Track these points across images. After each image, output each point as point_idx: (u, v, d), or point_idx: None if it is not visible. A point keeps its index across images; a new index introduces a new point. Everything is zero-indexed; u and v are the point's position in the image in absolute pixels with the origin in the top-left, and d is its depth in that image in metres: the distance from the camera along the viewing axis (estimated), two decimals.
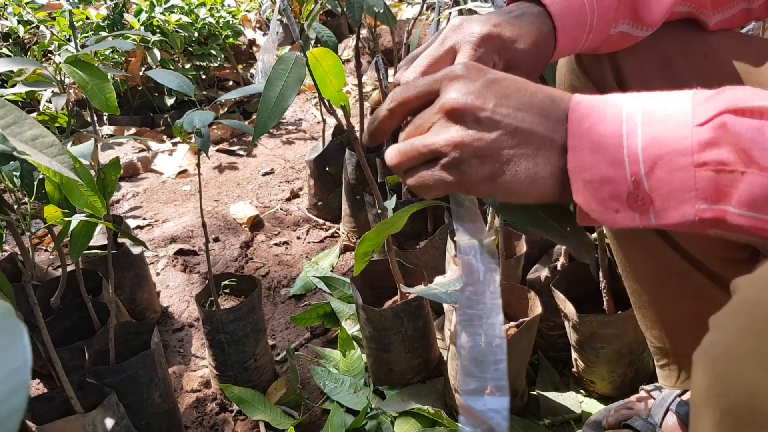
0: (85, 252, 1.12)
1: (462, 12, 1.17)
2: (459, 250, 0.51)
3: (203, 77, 2.72)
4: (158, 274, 1.67)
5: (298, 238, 1.82)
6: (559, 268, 1.21)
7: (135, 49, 2.45)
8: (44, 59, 2.31)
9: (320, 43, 1.39)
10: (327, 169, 1.83)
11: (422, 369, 1.22)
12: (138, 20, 2.42)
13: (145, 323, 1.17)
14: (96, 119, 2.16)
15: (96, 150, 1.01)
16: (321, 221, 1.89)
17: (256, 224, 1.90)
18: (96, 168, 0.99)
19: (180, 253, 1.76)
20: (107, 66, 2.39)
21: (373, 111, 0.56)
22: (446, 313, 1.31)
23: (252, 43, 3.24)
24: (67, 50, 0.94)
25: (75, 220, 0.88)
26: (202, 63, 2.67)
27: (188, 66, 2.61)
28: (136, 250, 1.41)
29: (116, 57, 2.44)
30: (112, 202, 2.06)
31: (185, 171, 2.26)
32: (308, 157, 1.86)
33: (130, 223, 1.86)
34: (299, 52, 0.84)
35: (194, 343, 1.44)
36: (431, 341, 1.22)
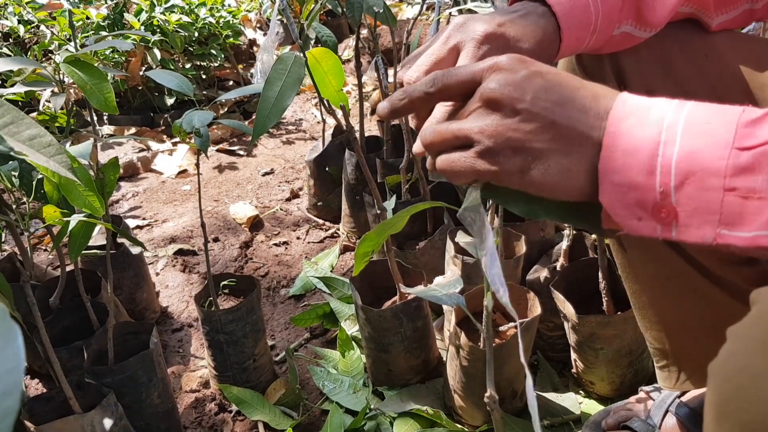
0: (84, 252, 1.13)
1: (462, 12, 1.16)
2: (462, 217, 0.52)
3: (203, 77, 2.72)
4: (158, 274, 1.67)
5: (298, 239, 1.82)
6: (559, 269, 1.21)
7: (135, 49, 2.45)
8: (44, 59, 2.31)
9: (320, 43, 1.39)
10: (327, 169, 1.83)
11: (421, 369, 1.22)
12: (138, 20, 2.42)
13: (144, 323, 1.17)
14: (96, 119, 2.16)
15: (95, 150, 1.01)
16: (321, 221, 1.89)
17: (256, 224, 1.90)
18: (95, 168, 0.99)
19: (179, 253, 1.76)
20: (107, 66, 2.39)
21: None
22: (445, 314, 1.31)
23: (252, 43, 3.24)
24: (67, 50, 0.94)
25: (74, 220, 0.88)
26: (203, 63, 2.67)
27: (188, 66, 2.61)
28: (136, 250, 1.41)
29: (116, 57, 2.44)
30: (112, 202, 2.06)
31: (185, 171, 2.26)
32: (308, 157, 1.86)
33: (130, 223, 1.86)
34: (299, 52, 0.84)
35: (193, 344, 1.44)
36: (430, 342, 1.22)
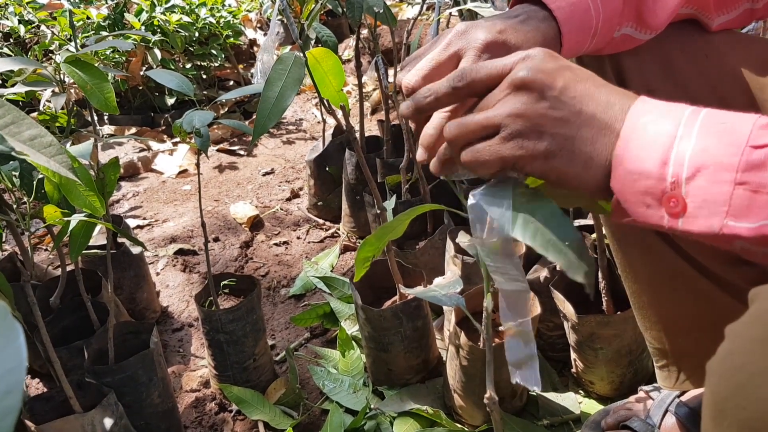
0: (85, 252, 1.13)
1: (462, 12, 1.16)
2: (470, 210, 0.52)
3: (204, 77, 2.72)
4: (158, 274, 1.67)
5: (298, 238, 1.83)
6: (559, 269, 1.21)
7: (136, 49, 2.45)
8: (45, 59, 2.31)
9: (320, 43, 1.39)
10: (327, 169, 1.83)
11: (421, 369, 1.22)
12: (139, 20, 2.42)
13: (145, 323, 1.17)
14: (96, 119, 2.16)
15: (95, 150, 1.01)
16: (321, 221, 1.89)
17: (256, 224, 1.90)
18: (95, 168, 0.99)
19: (180, 253, 1.76)
20: (108, 66, 2.39)
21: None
22: (445, 314, 1.31)
23: (253, 43, 3.24)
24: (68, 50, 0.94)
25: (74, 220, 0.88)
26: (203, 63, 2.67)
27: (189, 66, 2.61)
28: (136, 250, 1.41)
29: (117, 57, 2.45)
30: (113, 202, 2.07)
31: (185, 171, 2.26)
32: (308, 157, 1.87)
33: (130, 223, 1.86)
34: (299, 52, 0.84)
35: (194, 343, 1.44)
36: (430, 341, 1.22)
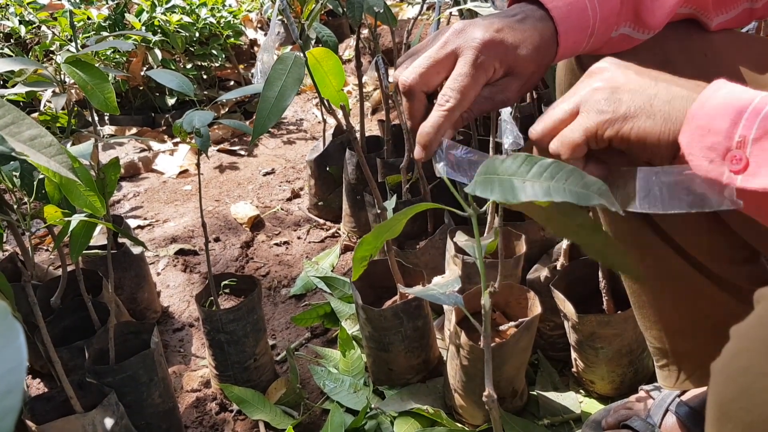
0: (85, 252, 1.13)
1: (462, 12, 1.17)
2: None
3: (204, 77, 2.72)
4: (159, 274, 1.67)
5: (299, 238, 1.83)
6: (559, 268, 1.21)
7: (136, 50, 2.45)
8: (45, 59, 2.31)
9: (321, 43, 1.39)
10: (327, 169, 1.83)
11: (422, 369, 1.22)
12: (139, 20, 2.43)
13: (145, 323, 1.17)
14: (97, 119, 2.16)
15: (96, 150, 1.01)
16: (321, 221, 1.89)
17: (257, 224, 1.90)
18: (96, 168, 1.00)
19: (180, 253, 1.76)
20: (109, 66, 2.39)
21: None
22: (446, 313, 1.31)
23: (253, 43, 3.24)
24: (68, 50, 0.94)
25: (75, 220, 0.88)
26: (204, 63, 2.67)
27: (189, 66, 2.62)
28: (137, 250, 1.41)
29: (117, 57, 2.45)
30: (113, 202, 2.07)
31: (186, 171, 2.26)
32: (309, 157, 1.87)
33: (131, 223, 1.86)
34: (299, 52, 0.84)
35: (194, 343, 1.44)
36: (431, 341, 1.22)
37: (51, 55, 2.34)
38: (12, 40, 2.53)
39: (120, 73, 1.71)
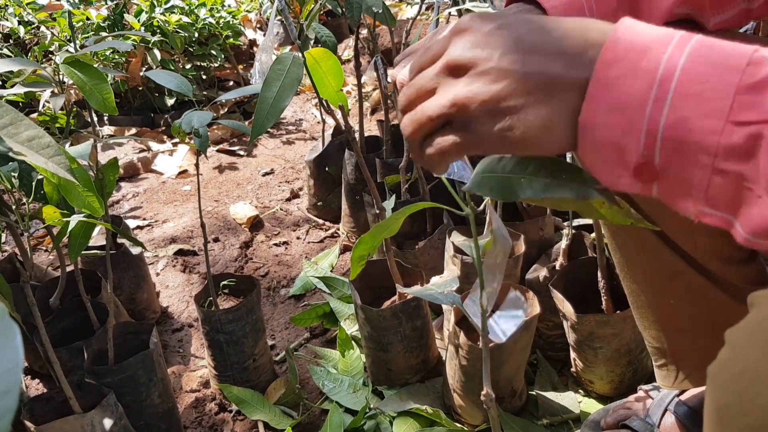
0: (84, 252, 1.13)
1: (460, 12, 1.17)
2: None
3: (204, 77, 2.72)
4: (158, 275, 1.67)
5: (298, 238, 1.83)
6: (558, 268, 1.21)
7: (135, 50, 2.45)
8: (44, 60, 2.31)
9: (320, 43, 1.39)
10: (327, 169, 1.83)
11: (421, 369, 1.22)
12: (138, 21, 2.43)
13: (144, 323, 1.17)
14: (96, 119, 2.16)
15: (95, 150, 1.01)
16: (321, 221, 1.89)
17: (256, 224, 1.90)
18: (95, 168, 1.00)
19: (180, 254, 1.76)
20: (107, 66, 2.39)
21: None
22: (445, 313, 1.31)
23: (253, 43, 3.24)
24: (67, 51, 0.94)
25: (73, 221, 0.88)
26: (203, 63, 2.67)
27: (188, 66, 2.62)
28: (136, 251, 1.41)
29: (117, 57, 2.45)
30: (112, 203, 2.07)
31: (185, 171, 2.26)
32: (308, 157, 1.87)
33: (130, 224, 1.86)
34: (298, 53, 0.84)
35: (193, 343, 1.44)
36: (430, 341, 1.22)
37: (50, 56, 2.34)
38: (11, 41, 2.53)
39: (119, 74, 1.70)
